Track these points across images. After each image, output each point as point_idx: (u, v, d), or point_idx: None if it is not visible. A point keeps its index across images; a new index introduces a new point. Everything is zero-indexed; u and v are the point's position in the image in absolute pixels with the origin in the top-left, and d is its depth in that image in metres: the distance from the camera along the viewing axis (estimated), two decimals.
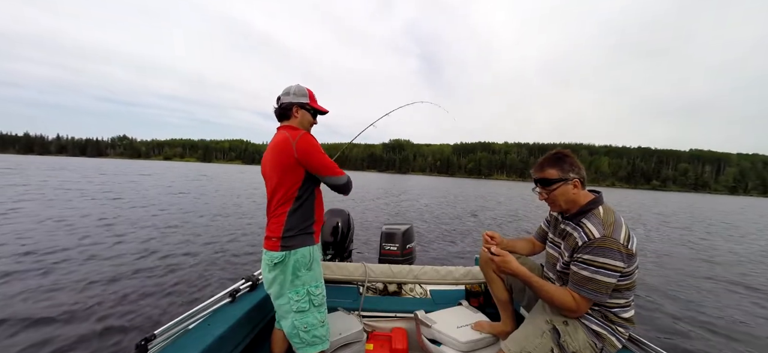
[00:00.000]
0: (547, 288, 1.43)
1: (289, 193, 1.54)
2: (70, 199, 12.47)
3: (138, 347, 1.29)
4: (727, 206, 38.25)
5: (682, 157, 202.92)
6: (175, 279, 4.78)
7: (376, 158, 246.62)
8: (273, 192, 1.57)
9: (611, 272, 1.28)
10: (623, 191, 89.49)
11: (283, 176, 1.53)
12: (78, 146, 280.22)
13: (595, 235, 1.31)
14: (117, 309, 3.74)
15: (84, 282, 4.47)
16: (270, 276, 1.57)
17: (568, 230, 1.46)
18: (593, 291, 1.31)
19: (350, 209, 3.08)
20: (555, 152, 1.49)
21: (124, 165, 67.49)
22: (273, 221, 1.55)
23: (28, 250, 5.73)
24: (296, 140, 1.51)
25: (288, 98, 1.64)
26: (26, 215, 8.83)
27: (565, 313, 1.41)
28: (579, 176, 1.43)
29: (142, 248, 6.23)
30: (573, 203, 1.44)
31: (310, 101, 1.68)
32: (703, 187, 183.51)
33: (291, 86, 1.67)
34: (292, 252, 1.53)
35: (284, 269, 1.53)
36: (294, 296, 1.54)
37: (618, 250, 1.27)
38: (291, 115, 1.65)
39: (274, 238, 1.53)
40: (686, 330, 3.89)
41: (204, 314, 1.65)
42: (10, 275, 4.56)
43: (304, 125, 1.68)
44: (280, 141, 1.55)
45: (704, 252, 8.78)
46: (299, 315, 1.54)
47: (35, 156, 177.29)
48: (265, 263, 1.59)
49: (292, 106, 1.64)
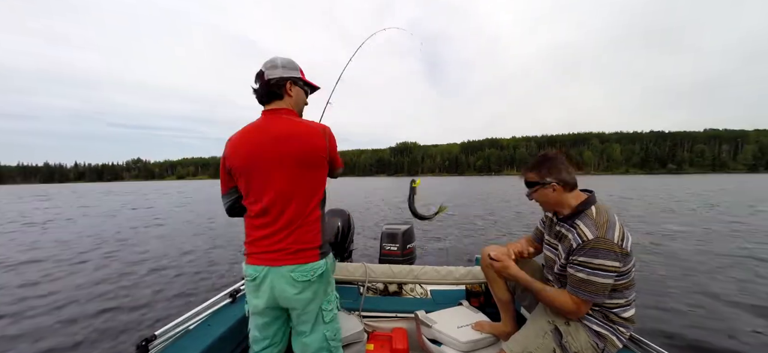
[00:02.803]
0: (546, 291, 1.45)
1: (320, 192, 1.34)
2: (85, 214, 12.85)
3: (139, 347, 1.30)
4: (749, 183, 36.94)
5: (697, 138, 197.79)
6: (175, 279, 4.88)
7: (384, 163, 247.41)
8: (293, 193, 1.26)
9: (607, 273, 1.27)
10: (637, 178, 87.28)
11: (314, 173, 1.30)
12: (95, 171, 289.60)
13: (588, 237, 1.30)
14: (118, 310, 3.82)
15: (89, 284, 4.60)
16: (307, 295, 1.27)
17: (563, 231, 1.45)
18: (591, 292, 1.30)
19: (350, 209, 3.08)
20: (541, 154, 1.49)
21: (138, 186, 69.29)
22: (305, 228, 1.27)
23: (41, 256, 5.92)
24: (328, 133, 1.33)
25: (276, 71, 1.32)
26: (61, 230, 9.14)
27: (566, 315, 1.41)
28: (557, 180, 1.41)
29: (143, 251, 6.36)
30: (560, 204, 1.44)
31: (302, 74, 1.42)
32: (721, 167, 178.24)
33: (277, 58, 1.34)
34: (328, 258, 1.34)
35: (324, 279, 1.31)
36: (328, 306, 1.34)
37: (612, 250, 1.26)
38: (284, 93, 1.34)
39: (310, 248, 1.27)
40: (688, 330, 3.76)
41: (204, 314, 1.66)
42: None
43: (299, 106, 1.41)
44: (304, 131, 1.28)
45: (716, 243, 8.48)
46: (330, 324, 1.35)
47: (57, 184, 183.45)
48: (292, 282, 1.24)
49: (284, 81, 1.33)
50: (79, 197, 31.62)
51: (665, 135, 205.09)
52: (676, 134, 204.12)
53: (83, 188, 69.23)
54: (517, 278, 1.52)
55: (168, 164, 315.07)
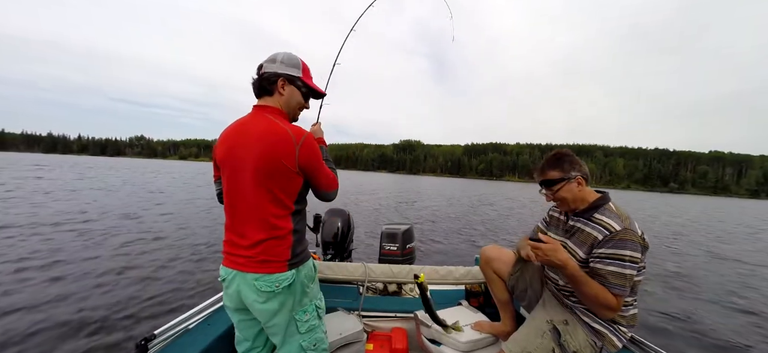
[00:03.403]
0: (592, 284, 1.30)
1: (291, 205, 1.21)
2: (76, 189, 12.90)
3: (138, 346, 1.30)
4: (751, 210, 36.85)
5: (701, 159, 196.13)
6: (175, 279, 4.85)
7: (386, 159, 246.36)
8: (257, 204, 1.17)
9: (635, 264, 1.27)
10: (638, 194, 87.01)
11: (281, 183, 1.17)
12: (98, 145, 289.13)
13: (616, 228, 1.29)
14: (118, 309, 3.80)
15: (86, 279, 4.58)
16: (273, 306, 1.18)
17: (578, 226, 1.44)
18: (622, 286, 1.27)
19: (350, 209, 3.10)
20: (554, 152, 1.49)
21: (142, 164, 69.21)
22: (272, 243, 1.17)
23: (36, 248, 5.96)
24: (301, 142, 1.17)
25: (273, 66, 1.24)
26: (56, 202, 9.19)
27: (604, 313, 1.36)
28: (581, 173, 1.42)
29: (143, 248, 6.35)
30: (581, 200, 1.44)
31: (304, 74, 1.29)
32: (723, 190, 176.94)
33: (279, 53, 1.26)
34: (300, 268, 1.24)
35: (293, 290, 1.21)
36: (303, 316, 1.25)
37: (638, 242, 1.27)
38: (275, 90, 1.25)
39: (277, 261, 1.18)
40: (690, 331, 3.78)
41: (204, 314, 1.66)
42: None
43: (291, 107, 1.30)
44: (271, 132, 1.16)
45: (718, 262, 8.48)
46: (308, 334, 1.28)
47: (61, 155, 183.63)
48: (256, 291, 1.16)
49: (277, 78, 1.24)
50: (88, 169, 31.36)
51: (669, 153, 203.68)
52: (681, 153, 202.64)
53: (88, 162, 69.11)
54: (566, 264, 1.32)
55: (171, 144, 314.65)
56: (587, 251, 1.37)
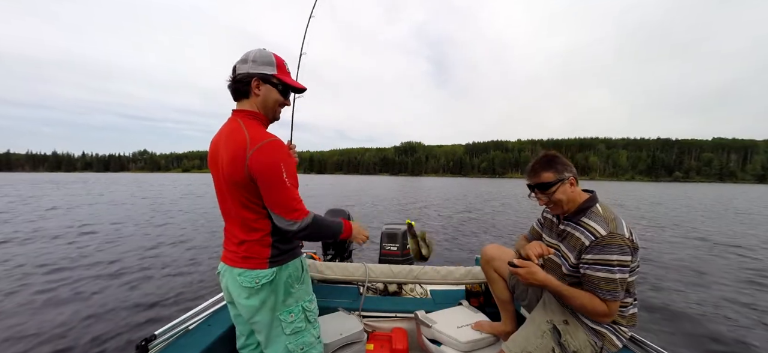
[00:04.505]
0: (578, 296, 1.34)
1: (258, 208, 1.17)
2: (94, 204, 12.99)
3: (138, 347, 1.30)
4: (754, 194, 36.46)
5: (705, 147, 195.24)
6: (175, 278, 4.90)
7: (388, 162, 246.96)
8: (230, 210, 1.21)
9: (624, 268, 1.26)
10: (643, 185, 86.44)
11: (240, 188, 1.13)
12: (102, 162, 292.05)
13: (601, 233, 1.28)
14: (118, 309, 3.83)
15: (87, 282, 4.65)
16: (253, 302, 1.18)
17: (568, 230, 1.43)
18: (613, 291, 1.26)
19: (351, 209, 3.10)
20: (543, 154, 1.46)
21: (146, 178, 69.77)
22: (252, 245, 1.18)
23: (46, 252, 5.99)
24: (255, 148, 1.09)
25: (245, 67, 1.17)
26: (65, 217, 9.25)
27: (600, 319, 1.35)
28: (573, 174, 1.41)
29: (144, 249, 6.40)
30: (572, 201, 1.42)
31: (279, 71, 1.21)
32: (729, 177, 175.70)
33: (251, 51, 1.19)
34: (283, 267, 1.22)
35: (275, 288, 1.20)
36: (287, 317, 1.23)
37: (625, 244, 1.26)
38: (250, 91, 1.19)
39: (257, 259, 1.18)
40: (688, 331, 3.72)
41: (204, 314, 1.66)
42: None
43: (268, 107, 1.23)
44: (231, 139, 1.13)
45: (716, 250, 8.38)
46: (294, 336, 1.24)
47: (65, 173, 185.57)
48: (239, 285, 1.19)
49: (251, 78, 1.17)
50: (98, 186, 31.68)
51: (672, 142, 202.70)
52: (684, 141, 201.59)
53: (94, 178, 69.80)
54: (545, 283, 1.37)
55: (174, 157, 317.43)
56: (577, 257, 1.36)
